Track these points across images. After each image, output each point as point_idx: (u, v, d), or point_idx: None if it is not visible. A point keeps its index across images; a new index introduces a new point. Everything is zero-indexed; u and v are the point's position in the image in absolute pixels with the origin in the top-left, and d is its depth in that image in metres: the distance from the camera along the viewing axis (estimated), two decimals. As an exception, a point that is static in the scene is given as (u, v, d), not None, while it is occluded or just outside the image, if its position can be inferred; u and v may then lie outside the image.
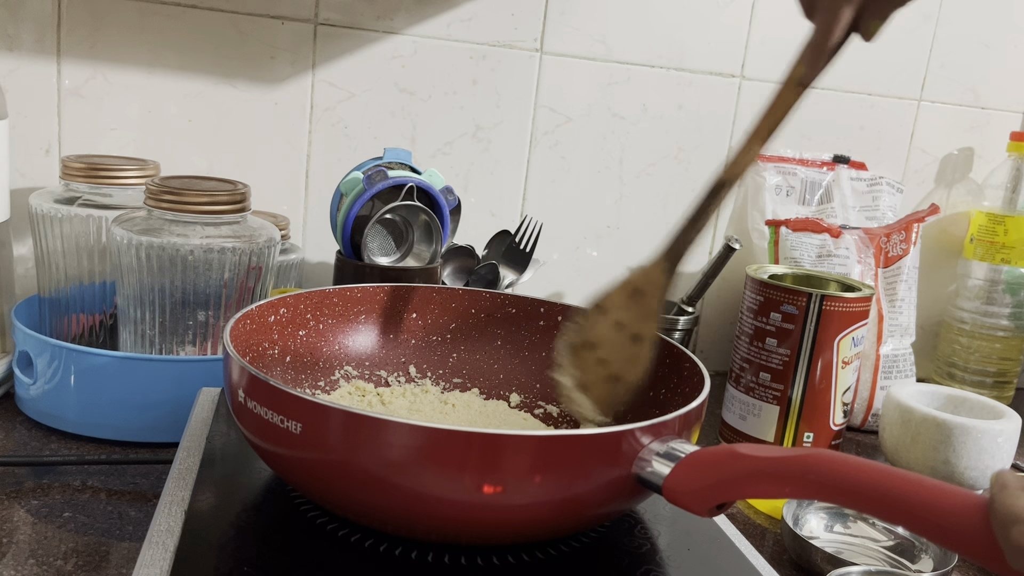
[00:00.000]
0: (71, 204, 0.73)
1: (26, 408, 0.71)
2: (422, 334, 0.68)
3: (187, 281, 0.68)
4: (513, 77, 0.93)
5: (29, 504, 0.58)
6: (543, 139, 0.95)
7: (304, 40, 0.87)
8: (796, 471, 0.38)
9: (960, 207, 1.08)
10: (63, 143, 0.84)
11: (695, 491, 0.42)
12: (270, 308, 0.60)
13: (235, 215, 0.70)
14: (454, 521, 0.43)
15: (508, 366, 0.68)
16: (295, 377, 0.62)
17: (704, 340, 1.05)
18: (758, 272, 0.81)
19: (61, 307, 0.76)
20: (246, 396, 0.45)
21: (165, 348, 0.70)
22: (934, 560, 0.63)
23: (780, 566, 0.62)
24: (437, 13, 0.89)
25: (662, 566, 0.47)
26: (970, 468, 0.73)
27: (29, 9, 0.81)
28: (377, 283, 0.68)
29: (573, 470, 0.42)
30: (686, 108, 0.97)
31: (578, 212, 0.98)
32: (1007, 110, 1.06)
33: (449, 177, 0.93)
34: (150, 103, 0.85)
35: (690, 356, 0.57)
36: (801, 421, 0.77)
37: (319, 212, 0.91)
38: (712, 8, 0.95)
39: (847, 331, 0.76)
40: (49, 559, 0.52)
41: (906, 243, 0.92)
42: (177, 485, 0.49)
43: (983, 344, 1.01)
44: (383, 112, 0.90)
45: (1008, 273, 1.00)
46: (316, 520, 0.47)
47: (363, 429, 0.41)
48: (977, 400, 0.79)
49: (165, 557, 0.42)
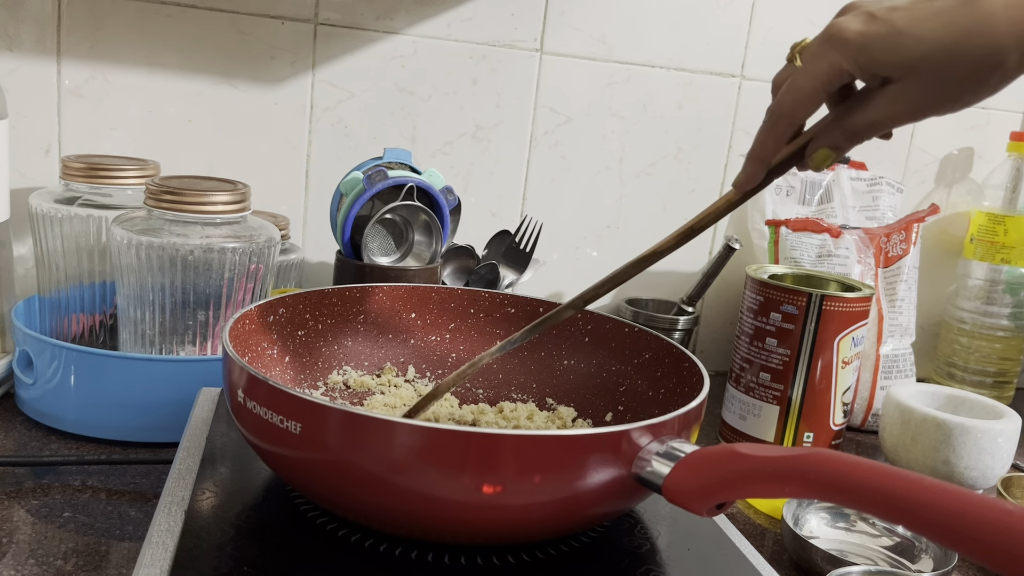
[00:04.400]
0: (71, 204, 0.73)
1: (26, 408, 0.71)
2: (422, 334, 0.68)
3: (187, 281, 0.68)
4: (513, 77, 0.93)
5: (29, 504, 0.58)
6: (543, 139, 0.95)
7: (304, 40, 0.87)
8: (796, 471, 0.38)
9: (960, 207, 1.08)
10: (63, 143, 0.84)
11: (695, 491, 0.42)
12: (270, 308, 0.60)
13: (235, 215, 0.70)
14: (454, 521, 0.43)
15: (508, 366, 0.68)
16: (294, 377, 0.62)
17: (704, 340, 1.05)
18: (758, 272, 0.81)
19: (61, 307, 0.76)
20: (245, 396, 0.45)
21: (165, 348, 0.70)
22: (934, 560, 0.63)
23: (780, 566, 0.62)
24: (437, 13, 0.89)
25: (662, 566, 0.47)
26: (970, 468, 0.73)
27: (29, 9, 0.81)
28: (377, 283, 0.68)
29: (573, 470, 0.42)
30: (686, 108, 0.97)
31: (578, 212, 0.98)
32: (1007, 110, 1.06)
33: (449, 177, 0.93)
34: (150, 103, 0.85)
35: (690, 356, 0.57)
36: (801, 421, 0.77)
37: (319, 212, 0.91)
38: (712, 8, 0.95)
39: (847, 331, 0.76)
40: (49, 559, 0.52)
41: (906, 243, 0.92)
42: (177, 485, 0.49)
43: (983, 344, 1.01)
44: (383, 112, 0.90)
45: (1008, 273, 1.00)
46: (316, 520, 0.47)
47: (363, 429, 0.41)
48: (977, 400, 0.79)
49: (165, 557, 0.42)
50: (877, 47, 0.44)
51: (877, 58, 0.44)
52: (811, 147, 0.48)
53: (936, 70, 0.43)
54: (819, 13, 0.97)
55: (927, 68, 0.43)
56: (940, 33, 0.43)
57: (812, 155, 0.48)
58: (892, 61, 0.44)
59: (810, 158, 0.48)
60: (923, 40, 0.43)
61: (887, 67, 0.44)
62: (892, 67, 0.44)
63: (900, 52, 0.43)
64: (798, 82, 0.47)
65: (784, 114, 0.47)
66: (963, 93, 0.44)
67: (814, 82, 0.46)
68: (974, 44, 0.42)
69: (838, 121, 0.47)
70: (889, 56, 0.44)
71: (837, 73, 0.45)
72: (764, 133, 0.49)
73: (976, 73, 0.43)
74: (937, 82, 0.44)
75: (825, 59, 0.45)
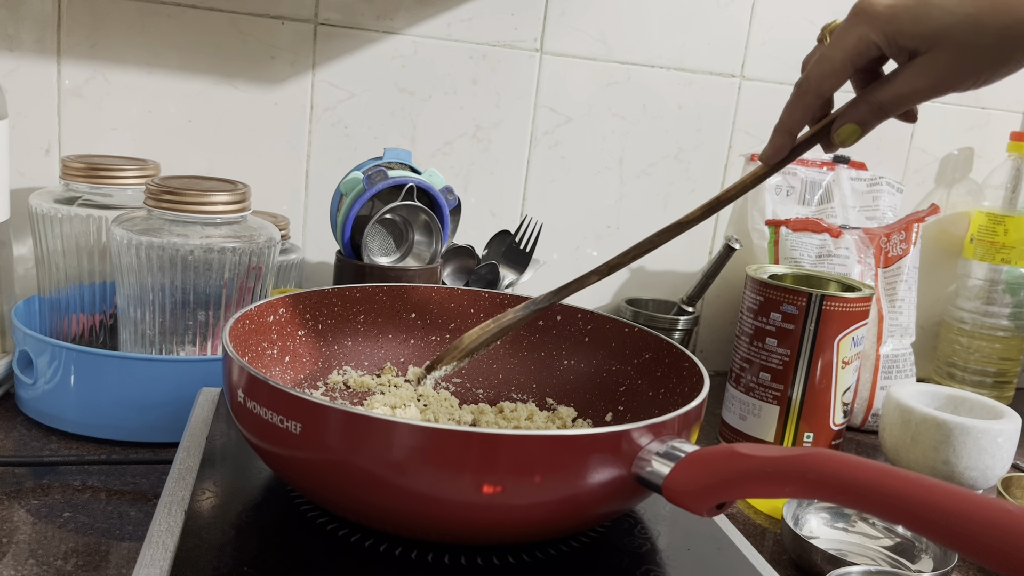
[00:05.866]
0: (71, 204, 0.73)
1: (26, 408, 0.71)
2: (422, 334, 0.68)
3: (187, 281, 0.68)
4: (513, 77, 0.93)
5: (29, 504, 0.58)
6: (543, 139, 0.95)
7: (304, 40, 0.87)
8: (796, 471, 0.38)
9: (960, 207, 1.08)
10: (63, 143, 0.84)
11: (695, 491, 0.42)
12: (269, 308, 0.60)
13: (235, 215, 0.70)
14: (454, 521, 0.43)
15: (507, 366, 0.68)
16: (294, 377, 0.62)
17: (704, 340, 1.05)
18: (758, 272, 0.81)
19: (61, 307, 0.76)
20: (245, 396, 0.45)
21: (165, 348, 0.70)
22: (934, 560, 0.63)
23: (780, 566, 0.62)
24: (437, 13, 0.89)
25: (662, 566, 0.47)
26: (970, 468, 0.73)
27: (29, 9, 0.81)
28: (377, 283, 0.68)
29: (573, 470, 0.42)
30: (686, 108, 0.97)
31: (578, 212, 0.98)
32: (1007, 110, 1.06)
33: (449, 177, 0.93)
34: (150, 103, 0.85)
35: (689, 356, 0.57)
36: (801, 421, 0.77)
37: (319, 212, 0.91)
38: (712, 8, 0.95)
39: (847, 331, 0.76)
40: (49, 559, 0.52)
41: (906, 243, 0.92)
42: (177, 485, 0.49)
43: (983, 344, 1.01)
44: (383, 112, 0.90)
45: (1008, 273, 1.00)
46: (316, 520, 0.47)
47: (363, 429, 0.41)
48: (977, 400, 0.79)
49: (165, 557, 0.42)
50: (905, 18, 0.45)
51: (905, 29, 0.45)
52: (837, 123, 0.50)
53: (962, 42, 0.45)
54: (819, 13, 0.97)
55: (953, 40, 0.45)
56: (967, 5, 0.44)
57: (838, 130, 0.50)
58: (919, 32, 0.45)
59: (836, 133, 0.50)
60: (950, 11, 0.44)
61: (914, 38, 0.46)
62: (919, 38, 0.45)
63: (927, 23, 0.45)
64: (827, 54, 0.48)
65: (812, 86, 0.49)
66: (987, 66, 0.46)
67: (843, 54, 0.47)
68: (1000, 17, 0.44)
69: (864, 96, 0.49)
70: (916, 27, 0.45)
71: (865, 45, 0.47)
72: (792, 105, 0.50)
73: (1000, 46, 0.45)
74: (962, 54, 0.45)
75: (854, 32, 0.47)
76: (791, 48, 0.98)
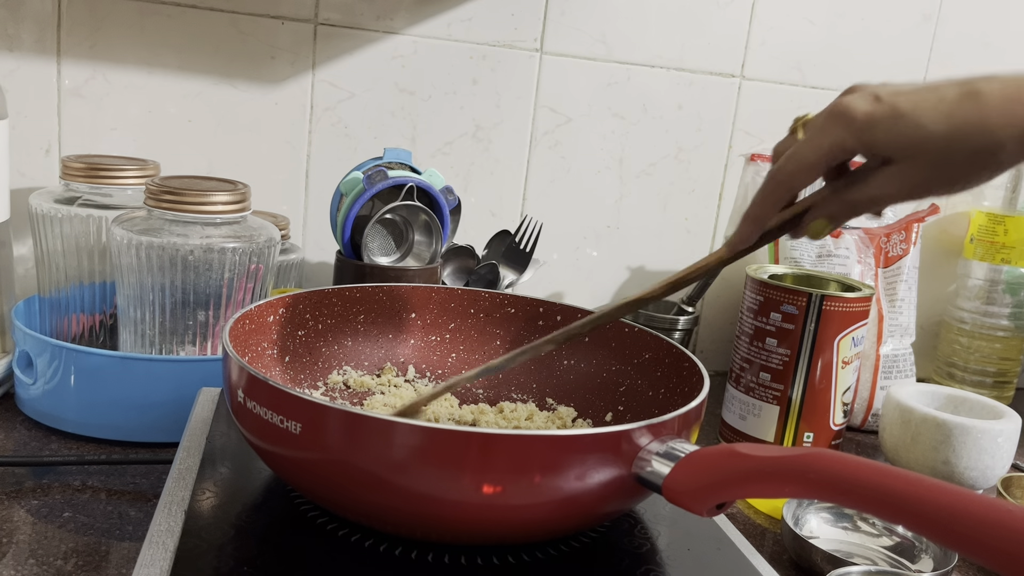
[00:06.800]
0: (71, 204, 0.73)
1: (26, 408, 0.71)
2: (422, 334, 0.68)
3: (187, 281, 0.68)
4: (513, 77, 0.93)
5: (29, 504, 0.58)
6: (543, 139, 0.95)
7: (304, 40, 0.87)
8: (796, 471, 0.38)
9: (960, 207, 1.08)
10: (63, 143, 0.84)
11: (695, 491, 0.42)
12: (269, 308, 0.60)
13: (235, 215, 0.70)
14: (454, 521, 0.43)
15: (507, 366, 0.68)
16: (294, 377, 0.62)
17: (704, 340, 1.05)
18: (758, 272, 0.81)
19: (61, 307, 0.76)
20: (245, 396, 0.45)
21: (165, 348, 0.70)
22: (934, 560, 0.63)
23: (780, 566, 0.63)
24: (437, 13, 0.89)
25: (662, 566, 0.47)
26: (970, 468, 0.73)
27: (29, 9, 0.81)
28: (377, 283, 0.68)
29: (573, 470, 0.42)
30: (686, 108, 0.97)
31: (578, 212, 0.98)
32: (1007, 110, 1.06)
33: (449, 177, 0.93)
34: (150, 103, 0.85)
35: (689, 356, 0.57)
36: (801, 421, 0.77)
37: (319, 212, 0.91)
38: (712, 8, 0.95)
39: (847, 331, 0.76)
40: (49, 559, 0.52)
41: (906, 243, 0.92)
42: (177, 485, 0.49)
43: (983, 344, 1.01)
44: (383, 112, 0.90)
45: (1008, 273, 1.00)
46: (316, 520, 0.47)
47: (363, 429, 0.41)
48: (977, 400, 0.79)
49: (165, 557, 0.42)
50: (881, 128, 0.46)
51: (880, 139, 0.46)
52: (809, 216, 0.50)
53: (935, 156, 0.45)
54: (819, 13, 0.97)
55: (926, 153, 0.45)
56: (941, 122, 0.45)
57: (810, 224, 0.50)
58: (894, 143, 0.46)
59: (807, 226, 0.50)
60: (924, 127, 0.45)
61: (889, 148, 0.46)
62: (894, 148, 0.46)
63: (902, 135, 0.45)
64: (801, 152, 0.48)
65: (784, 180, 0.49)
66: (959, 179, 0.46)
67: (817, 154, 0.48)
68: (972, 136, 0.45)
69: (837, 194, 0.49)
70: (892, 138, 0.46)
71: (840, 149, 0.47)
72: (762, 197, 0.50)
73: (972, 162, 0.45)
74: (935, 167, 0.46)
75: (830, 134, 0.47)
76: (791, 48, 0.99)
